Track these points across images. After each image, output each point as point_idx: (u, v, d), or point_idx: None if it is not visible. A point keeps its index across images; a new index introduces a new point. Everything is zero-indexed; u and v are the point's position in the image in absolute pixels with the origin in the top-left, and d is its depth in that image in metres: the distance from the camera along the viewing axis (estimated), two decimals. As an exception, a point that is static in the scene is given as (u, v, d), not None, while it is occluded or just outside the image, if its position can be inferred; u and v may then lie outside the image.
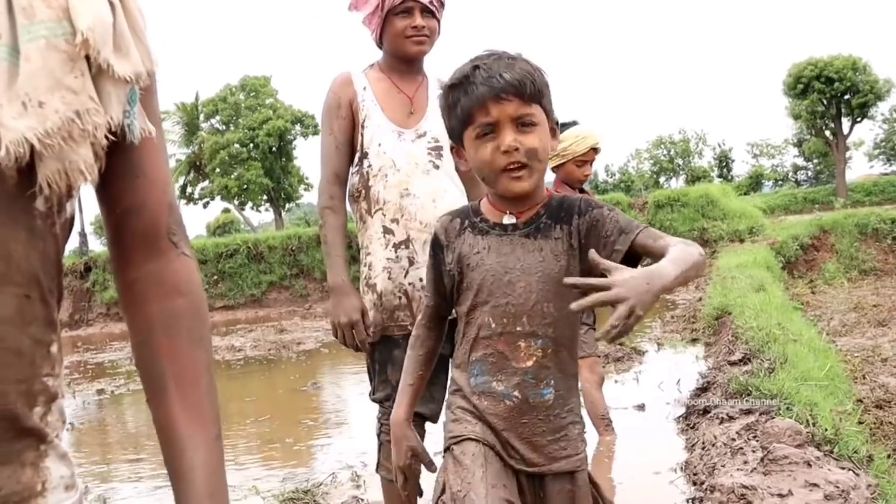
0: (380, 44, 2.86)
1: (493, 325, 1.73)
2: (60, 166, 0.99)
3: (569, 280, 1.50)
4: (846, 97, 48.15)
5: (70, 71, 1.00)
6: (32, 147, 0.97)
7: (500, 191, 1.73)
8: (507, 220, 1.76)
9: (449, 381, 1.92)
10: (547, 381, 1.72)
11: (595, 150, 4.31)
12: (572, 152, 4.27)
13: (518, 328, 1.71)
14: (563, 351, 1.75)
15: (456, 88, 1.72)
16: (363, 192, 2.78)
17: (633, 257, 1.67)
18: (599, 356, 4.85)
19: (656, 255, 1.63)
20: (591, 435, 4.60)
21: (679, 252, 1.56)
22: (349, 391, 7.84)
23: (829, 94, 47.60)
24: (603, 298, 1.38)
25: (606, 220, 1.70)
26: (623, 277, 1.39)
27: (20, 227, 0.99)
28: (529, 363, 1.71)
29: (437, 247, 1.84)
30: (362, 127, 2.77)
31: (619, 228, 1.68)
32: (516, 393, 1.72)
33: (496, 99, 1.65)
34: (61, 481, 1.08)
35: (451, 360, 2.02)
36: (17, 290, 1.01)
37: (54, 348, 1.05)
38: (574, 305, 1.41)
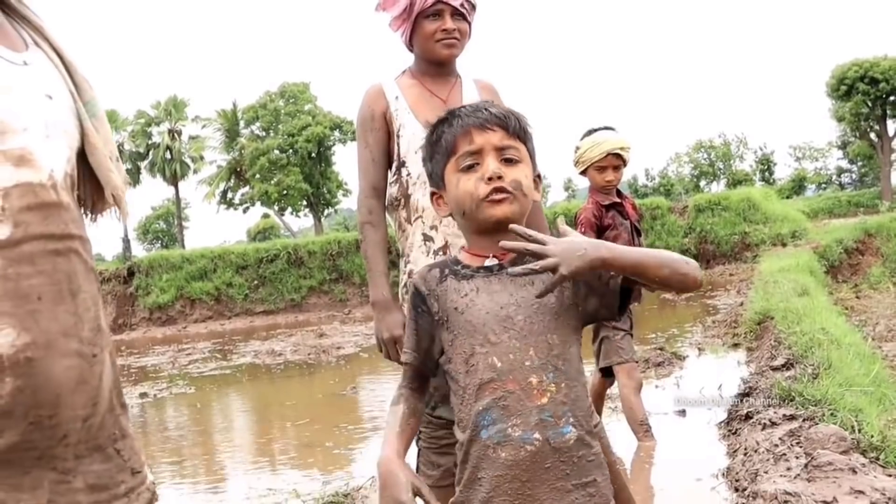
0: (410, 47, 2.86)
1: (500, 365, 1.58)
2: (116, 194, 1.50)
3: (504, 244, 1.56)
4: (892, 98, 47.32)
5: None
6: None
7: (481, 220, 1.64)
8: (490, 262, 1.67)
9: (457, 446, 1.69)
10: (566, 417, 1.57)
11: (616, 155, 4.24)
12: (588, 158, 4.24)
13: (527, 363, 1.57)
14: (577, 386, 1.62)
15: (441, 123, 1.72)
16: (402, 200, 2.78)
17: (627, 288, 1.64)
18: (637, 362, 4.81)
19: None
20: (630, 441, 4.56)
21: (660, 251, 1.57)
22: (388, 396, 7.84)
23: (874, 96, 46.84)
24: (533, 249, 1.52)
25: None
26: (558, 242, 1.52)
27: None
28: (544, 399, 1.56)
29: (417, 298, 1.72)
30: (398, 136, 2.75)
31: None
32: (536, 435, 1.55)
33: (481, 127, 1.64)
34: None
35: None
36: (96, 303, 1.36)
37: None
38: (502, 243, 1.55)
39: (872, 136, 50.00)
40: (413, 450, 2.84)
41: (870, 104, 47.54)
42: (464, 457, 1.62)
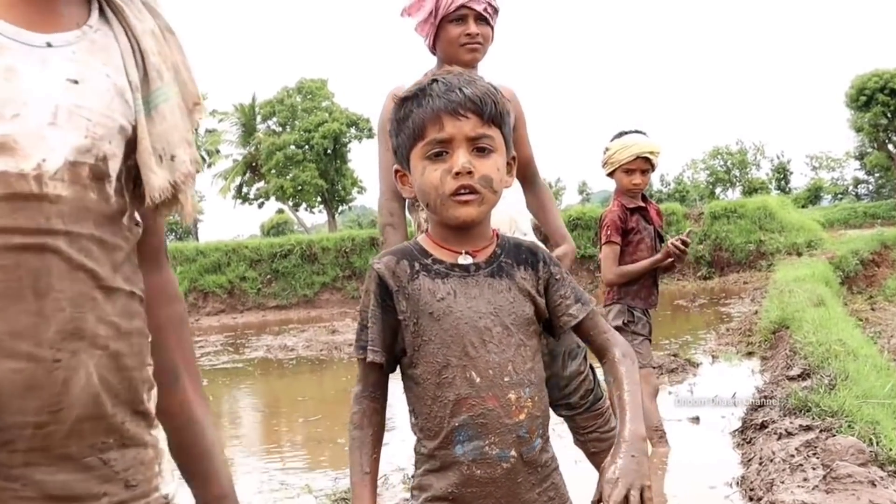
0: (433, 51, 2.87)
1: (479, 381, 1.50)
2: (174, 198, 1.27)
3: None
4: (911, 110, 47.03)
5: (187, 126, 1.28)
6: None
7: (444, 218, 1.54)
8: (464, 260, 1.57)
9: (416, 461, 1.64)
10: (538, 430, 1.54)
11: (645, 159, 4.23)
12: (617, 160, 4.23)
13: (506, 378, 1.51)
14: (545, 395, 1.58)
15: (409, 101, 1.55)
16: None
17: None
18: (654, 367, 4.80)
19: (593, 347, 1.60)
20: (644, 446, 4.55)
21: (636, 393, 1.52)
22: (400, 394, 7.81)
23: (894, 107, 46.53)
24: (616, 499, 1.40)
25: (567, 281, 1.60)
26: (615, 472, 1.41)
27: (120, 237, 1.21)
28: (522, 416, 1.51)
29: (384, 293, 1.56)
30: None
31: (576, 296, 1.59)
32: (513, 452, 1.50)
33: (453, 114, 1.49)
34: (170, 465, 1.28)
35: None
36: (129, 287, 1.23)
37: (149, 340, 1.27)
38: None
39: (890, 147, 49.70)
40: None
41: (889, 115, 47.22)
42: (432, 466, 1.56)
